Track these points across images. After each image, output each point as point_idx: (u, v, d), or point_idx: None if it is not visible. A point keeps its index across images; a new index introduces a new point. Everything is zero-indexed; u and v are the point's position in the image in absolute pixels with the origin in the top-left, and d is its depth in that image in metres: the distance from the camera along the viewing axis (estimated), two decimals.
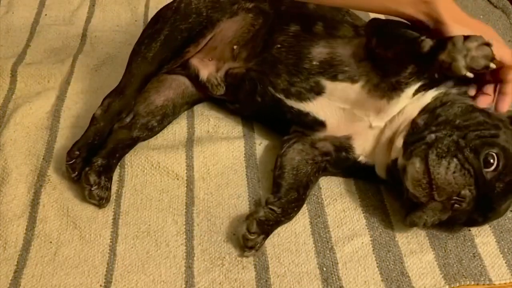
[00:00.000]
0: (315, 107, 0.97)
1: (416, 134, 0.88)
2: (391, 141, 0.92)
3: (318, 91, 0.96)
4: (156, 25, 1.08)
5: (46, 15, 1.39)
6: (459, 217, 0.86)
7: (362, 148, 0.96)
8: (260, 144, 1.07)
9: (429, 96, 0.91)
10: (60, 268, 0.86)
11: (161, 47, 1.05)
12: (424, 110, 0.90)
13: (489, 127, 0.86)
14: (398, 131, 0.91)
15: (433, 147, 0.84)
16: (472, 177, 0.82)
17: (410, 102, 0.92)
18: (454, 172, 0.82)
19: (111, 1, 1.44)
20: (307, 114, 0.98)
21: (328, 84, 0.95)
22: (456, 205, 0.83)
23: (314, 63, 0.97)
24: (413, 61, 0.88)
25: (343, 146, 0.97)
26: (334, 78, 0.95)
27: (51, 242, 0.89)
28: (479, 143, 0.84)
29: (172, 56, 1.06)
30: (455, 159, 0.83)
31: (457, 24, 0.85)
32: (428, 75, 0.90)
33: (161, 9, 1.11)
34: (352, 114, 0.95)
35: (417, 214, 0.86)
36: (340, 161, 0.98)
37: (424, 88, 0.92)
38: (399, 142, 0.89)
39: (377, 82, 0.92)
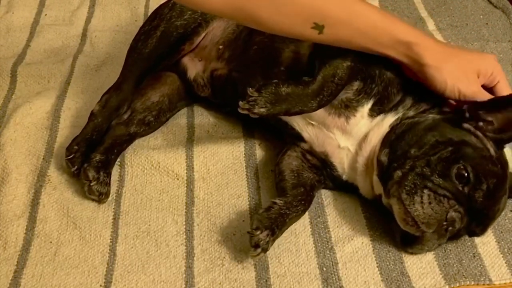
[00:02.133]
0: (290, 118, 0.96)
1: (385, 172, 0.87)
2: (367, 168, 0.91)
3: None
4: (153, 22, 1.09)
5: (46, 15, 1.39)
6: (459, 234, 0.86)
7: (341, 167, 0.94)
8: (260, 144, 1.07)
9: (387, 123, 0.90)
10: (60, 268, 0.86)
11: (157, 44, 1.06)
12: (384, 144, 0.89)
13: (444, 146, 0.85)
14: (371, 158, 0.90)
15: (402, 186, 0.83)
16: (451, 199, 0.82)
17: (371, 129, 0.91)
18: (430, 203, 0.81)
19: (111, 1, 1.44)
20: (286, 124, 0.97)
21: None
22: (449, 228, 0.83)
23: (282, 68, 0.97)
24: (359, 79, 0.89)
25: (326, 162, 0.95)
26: None
27: (51, 242, 0.89)
28: (444, 165, 0.83)
29: (168, 52, 1.07)
30: (426, 191, 0.82)
31: (441, 64, 0.85)
32: (376, 92, 0.90)
33: (158, 7, 1.12)
34: (321, 131, 0.94)
35: (418, 247, 0.86)
36: (332, 177, 0.96)
37: (379, 110, 0.90)
38: (376, 179, 0.89)
39: None
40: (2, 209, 0.93)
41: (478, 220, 0.85)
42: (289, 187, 0.93)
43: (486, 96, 0.88)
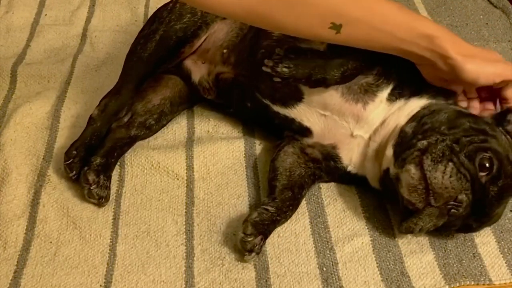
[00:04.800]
0: (299, 114, 0.97)
1: (405, 143, 0.87)
2: (378, 153, 0.91)
3: (298, 97, 0.95)
4: (152, 25, 1.08)
5: (46, 15, 1.39)
6: (454, 223, 0.85)
7: (348, 158, 0.95)
8: (260, 144, 1.07)
9: (416, 104, 0.90)
10: (60, 268, 0.86)
11: (156, 47, 1.05)
12: (412, 119, 0.89)
13: (477, 132, 0.85)
14: (384, 141, 0.90)
15: (428, 152, 0.83)
16: (468, 182, 0.82)
17: (392, 113, 0.91)
18: (450, 176, 0.81)
19: (111, 1, 1.44)
20: (293, 120, 0.98)
21: (305, 90, 0.94)
22: (453, 210, 0.82)
23: None
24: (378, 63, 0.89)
25: (330, 155, 0.96)
26: None
27: (51, 242, 0.89)
28: (472, 148, 0.83)
29: (167, 56, 1.06)
30: (451, 163, 0.82)
31: (465, 55, 0.83)
32: (397, 76, 0.90)
33: (157, 10, 1.12)
34: (334, 121, 0.94)
35: (413, 221, 0.84)
36: (332, 170, 0.97)
37: (399, 94, 0.91)
38: (389, 151, 0.88)
39: (349, 84, 0.91)
40: (2, 209, 0.93)
41: (478, 215, 0.84)
42: (278, 189, 0.94)
43: None
